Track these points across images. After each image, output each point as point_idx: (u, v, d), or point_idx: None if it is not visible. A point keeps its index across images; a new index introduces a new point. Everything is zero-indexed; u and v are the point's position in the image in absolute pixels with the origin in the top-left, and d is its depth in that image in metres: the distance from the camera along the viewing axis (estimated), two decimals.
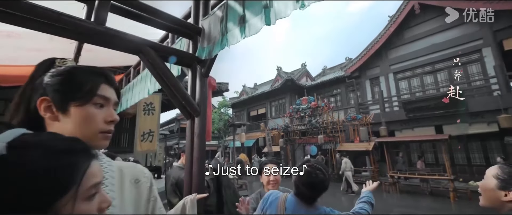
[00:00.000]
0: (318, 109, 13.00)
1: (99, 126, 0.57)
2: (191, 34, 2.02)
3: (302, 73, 19.27)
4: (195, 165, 1.76)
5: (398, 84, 12.39)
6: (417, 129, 10.93)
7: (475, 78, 10.03)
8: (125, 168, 0.67)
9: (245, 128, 20.73)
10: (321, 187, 1.17)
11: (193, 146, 1.80)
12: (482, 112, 9.11)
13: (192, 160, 1.78)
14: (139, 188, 0.66)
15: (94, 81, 0.56)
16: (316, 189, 1.17)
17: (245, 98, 20.92)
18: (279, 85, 17.02)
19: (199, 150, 1.78)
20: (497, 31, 9.42)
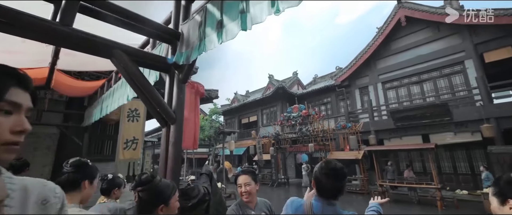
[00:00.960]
0: (309, 117, 13.05)
1: (3, 137, 0.48)
2: (171, 39, 1.96)
3: (293, 82, 19.44)
4: (169, 175, 1.66)
5: (386, 94, 12.65)
6: (405, 138, 11.10)
7: (458, 89, 10.36)
8: (31, 186, 0.57)
9: (236, 136, 20.53)
10: (342, 173, 1.21)
11: (167, 155, 1.71)
12: (466, 122, 9.36)
13: (166, 170, 1.68)
14: (46, 210, 0.56)
15: (1, 83, 0.48)
16: (338, 176, 1.20)
17: (236, 106, 20.82)
18: (271, 93, 17.06)
19: (174, 159, 1.69)
20: (478, 44, 9.84)
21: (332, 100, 15.68)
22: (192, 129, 6.00)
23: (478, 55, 9.77)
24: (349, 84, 14.15)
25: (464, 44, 10.17)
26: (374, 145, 11.12)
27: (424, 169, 11.01)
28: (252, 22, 1.30)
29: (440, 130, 10.06)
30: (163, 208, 1.19)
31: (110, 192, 1.82)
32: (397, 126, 11.05)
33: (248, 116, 20.22)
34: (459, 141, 9.59)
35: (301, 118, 13.19)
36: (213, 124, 20.94)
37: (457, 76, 10.46)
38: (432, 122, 10.04)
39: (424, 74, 11.42)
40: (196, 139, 5.96)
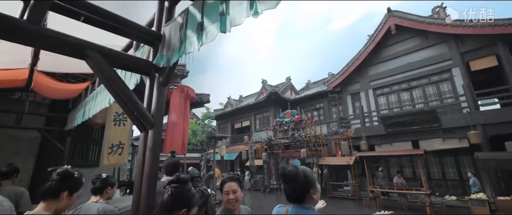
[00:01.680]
0: (301, 123, 13.07)
1: None
2: (152, 41, 1.90)
3: (286, 87, 19.53)
4: (145, 183, 1.57)
5: (377, 100, 12.82)
6: (396, 144, 11.22)
7: (446, 96, 10.60)
8: None
9: (229, 141, 20.35)
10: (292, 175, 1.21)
11: (144, 160, 1.63)
12: (454, 128, 9.55)
13: (142, 177, 1.60)
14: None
15: None
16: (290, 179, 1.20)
17: (229, 110, 20.71)
18: (264, 98, 17.07)
19: (151, 166, 1.61)
20: (464, 53, 10.14)
21: (324, 106, 15.79)
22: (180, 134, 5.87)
23: (465, 64, 10.06)
24: (341, 90, 14.30)
25: (451, 53, 10.47)
26: (365, 151, 11.20)
27: (414, 174, 11.12)
28: (231, 24, 1.27)
29: (429, 136, 10.22)
30: (184, 212, 1.26)
31: (103, 190, 1.88)
32: (387, 132, 11.18)
33: (241, 120, 20.12)
34: (447, 147, 9.75)
35: (294, 123, 13.20)
36: (206, 129, 20.71)
37: (445, 83, 10.72)
38: (421, 128, 10.21)
39: (413, 81, 11.66)
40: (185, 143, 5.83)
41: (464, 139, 9.15)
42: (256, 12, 1.15)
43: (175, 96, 5.97)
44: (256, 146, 14.73)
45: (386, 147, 11.49)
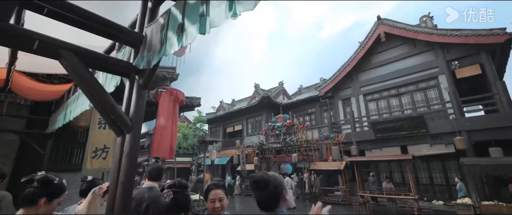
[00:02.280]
0: (293, 127, 13.09)
1: None
2: (134, 42, 1.84)
3: (279, 91, 19.60)
4: (120, 189, 1.50)
5: (367, 106, 13.02)
6: (385, 149, 11.37)
7: (433, 102, 10.87)
8: None
9: (221, 145, 20.15)
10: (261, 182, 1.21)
11: (120, 167, 1.55)
12: (441, 134, 9.78)
13: (117, 183, 1.52)
14: None
15: None
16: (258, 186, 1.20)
17: (221, 114, 20.57)
18: (256, 102, 17.05)
19: (126, 172, 1.53)
20: (450, 61, 10.47)
21: (316, 111, 15.90)
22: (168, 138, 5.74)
23: (450, 71, 10.37)
24: (333, 95, 14.47)
25: (438, 61, 10.78)
26: (355, 156, 11.29)
27: (403, 179, 11.27)
28: (210, 26, 1.25)
29: (417, 141, 10.42)
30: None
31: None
32: (377, 137, 11.33)
33: (233, 124, 20.00)
34: (434, 152, 9.95)
35: (286, 127, 13.21)
36: (197, 132, 20.47)
37: (432, 90, 11.00)
38: (410, 133, 10.40)
39: (402, 87, 11.92)
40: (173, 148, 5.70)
41: (451, 145, 9.36)
42: (235, 13, 1.13)
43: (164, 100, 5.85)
44: (248, 150, 14.63)
45: (376, 152, 11.62)
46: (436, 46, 10.79)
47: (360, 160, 10.49)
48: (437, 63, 10.80)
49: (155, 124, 5.58)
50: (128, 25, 2.11)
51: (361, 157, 11.38)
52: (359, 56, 13.19)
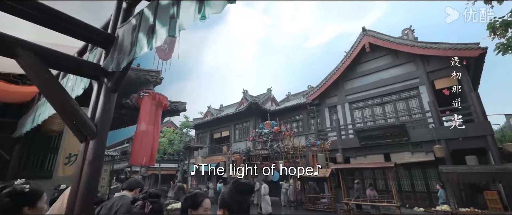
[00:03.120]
0: (280, 134, 13.09)
1: None
2: (105, 43, 1.75)
3: (267, 98, 19.67)
4: (79, 202, 1.38)
5: (353, 114, 13.30)
6: (369, 156, 11.58)
7: (414, 111, 11.28)
8: None
9: (207, 151, 19.80)
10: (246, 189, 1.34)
11: (81, 176, 1.43)
12: (421, 142, 10.10)
13: (77, 193, 1.40)
14: None
15: None
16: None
17: (209, 120, 20.30)
18: (244, 108, 16.99)
19: (88, 182, 1.41)
20: (430, 72, 10.96)
21: (303, 118, 16.04)
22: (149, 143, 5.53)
23: (430, 82, 10.84)
24: (320, 103, 14.68)
25: (418, 72, 11.26)
26: (341, 163, 11.41)
27: (386, 187, 11.47)
28: (179, 28, 1.20)
29: (399, 149, 10.70)
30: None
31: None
32: (362, 145, 11.53)
33: (220, 130, 19.75)
34: (415, 160, 10.24)
35: (273, 134, 13.19)
36: (183, 138, 20.04)
37: (413, 100, 11.43)
38: (392, 141, 10.67)
39: (385, 96, 12.30)
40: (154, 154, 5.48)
41: (430, 153, 9.68)
42: (203, 16, 1.10)
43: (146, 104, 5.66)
44: (235, 156, 14.43)
45: (361, 159, 11.81)
46: (417, 58, 11.28)
47: (345, 167, 10.61)
48: (418, 74, 11.27)
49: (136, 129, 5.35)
50: (101, 26, 2.02)
51: (346, 164, 11.52)
52: (345, 65, 13.54)
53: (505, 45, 6.94)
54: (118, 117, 7.13)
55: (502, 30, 6.99)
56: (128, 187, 2.36)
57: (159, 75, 6.25)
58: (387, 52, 12.53)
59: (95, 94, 1.66)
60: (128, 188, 2.35)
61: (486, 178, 6.74)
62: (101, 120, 1.55)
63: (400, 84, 11.79)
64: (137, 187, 2.41)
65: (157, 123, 5.54)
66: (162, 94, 5.66)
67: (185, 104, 8.57)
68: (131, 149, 5.22)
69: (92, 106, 1.62)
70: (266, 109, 17.14)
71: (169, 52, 5.63)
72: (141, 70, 6.11)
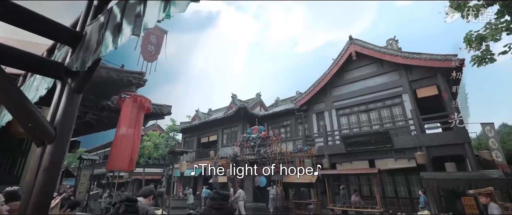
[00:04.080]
0: (268, 139, 13.04)
1: None
2: (72, 41, 1.65)
3: (256, 103, 19.65)
4: (30, 212, 1.25)
5: (339, 120, 13.51)
6: (355, 162, 11.75)
7: (398, 119, 11.61)
8: None
9: (194, 156, 19.41)
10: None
11: (34, 184, 1.31)
12: (404, 149, 10.38)
13: (27, 205, 1.27)
14: None
15: None
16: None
17: (196, 124, 19.97)
18: (232, 112, 16.86)
19: (41, 191, 1.29)
20: (412, 81, 11.37)
21: (291, 123, 16.11)
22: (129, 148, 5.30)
23: (413, 91, 11.23)
24: (307, 109, 14.82)
25: (402, 80, 11.65)
26: (327, 169, 11.49)
27: (371, 193, 11.64)
28: (144, 27, 1.14)
29: (383, 155, 10.93)
30: None
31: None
32: (347, 151, 11.69)
33: (208, 135, 19.47)
34: (398, 166, 10.48)
35: (260, 139, 13.11)
36: (170, 142, 19.56)
37: (397, 107, 11.77)
38: (377, 148, 10.89)
39: (371, 104, 12.60)
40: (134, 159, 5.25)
41: (412, 159, 9.94)
42: (168, 14, 1.05)
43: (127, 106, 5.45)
44: (222, 161, 14.20)
45: (347, 165, 11.95)
46: (400, 67, 11.69)
47: (331, 173, 10.69)
48: (401, 83, 11.65)
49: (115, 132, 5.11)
50: (71, 23, 1.91)
51: (332, 170, 11.62)
52: (333, 72, 13.80)
53: (479, 57, 7.32)
54: (99, 119, 6.85)
55: (477, 43, 7.37)
56: (143, 194, 2.74)
57: (142, 77, 6.07)
58: (373, 61, 12.91)
59: (57, 95, 1.54)
60: (143, 195, 2.72)
61: (463, 184, 6.98)
62: (62, 123, 1.44)
63: (384, 92, 12.13)
64: (150, 194, 2.79)
65: (138, 126, 5.35)
66: (144, 97, 5.48)
67: (170, 108, 8.37)
68: (109, 153, 5.01)
69: (53, 107, 1.50)
70: (254, 114, 17.10)
71: (155, 53, 5.49)
72: (124, 71, 5.91)
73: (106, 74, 5.54)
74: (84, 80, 1.53)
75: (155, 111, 7.43)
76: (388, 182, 11.46)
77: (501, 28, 7.11)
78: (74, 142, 9.16)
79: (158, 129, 23.77)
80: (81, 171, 12.06)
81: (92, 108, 6.30)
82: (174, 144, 18.26)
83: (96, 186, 22.12)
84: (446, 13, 8.33)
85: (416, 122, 10.45)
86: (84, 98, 6.10)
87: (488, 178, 6.77)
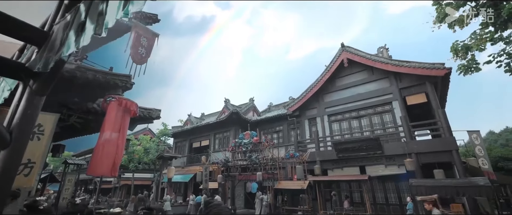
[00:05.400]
0: (260, 145, 12.94)
1: None
2: (38, 41, 1.57)
3: (249, 108, 19.59)
4: None
5: (331, 126, 13.56)
6: (346, 169, 11.75)
7: (388, 125, 11.72)
8: None
9: (185, 161, 19.09)
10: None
11: None
12: (394, 156, 10.44)
13: None
14: None
15: None
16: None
17: (188, 128, 19.72)
18: (225, 117, 16.74)
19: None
20: (402, 89, 11.55)
21: (284, 129, 16.08)
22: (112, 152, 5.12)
23: (402, 98, 11.40)
24: (300, 114, 14.84)
25: (392, 88, 11.82)
26: (318, 175, 11.44)
27: (362, 199, 11.63)
28: (105, 26, 1.08)
29: (374, 162, 10.97)
30: None
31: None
32: (339, 157, 11.69)
33: (200, 139, 19.22)
34: (389, 173, 10.53)
35: (252, 144, 13.00)
36: (161, 146, 19.20)
37: (387, 114, 11.90)
38: (367, 154, 10.93)
39: (362, 110, 12.71)
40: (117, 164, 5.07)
41: (402, 166, 10.00)
42: (126, 13, 1.00)
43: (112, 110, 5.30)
44: (213, 167, 14.00)
45: (338, 172, 11.94)
46: (391, 74, 11.88)
47: (322, 180, 10.64)
48: (391, 90, 11.82)
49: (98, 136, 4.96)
50: (41, 23, 1.83)
51: (323, 176, 11.58)
52: (325, 78, 13.92)
53: (465, 66, 7.51)
54: (84, 122, 6.66)
55: (463, 53, 7.57)
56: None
57: (129, 80, 5.94)
58: (364, 68, 13.09)
59: (17, 97, 1.46)
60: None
61: (451, 191, 7.03)
62: (19, 127, 1.35)
63: (375, 99, 12.27)
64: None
65: (123, 131, 5.18)
66: (130, 100, 5.33)
67: (159, 112, 8.22)
68: (91, 157, 4.83)
69: (12, 110, 1.41)
70: (247, 119, 17.01)
71: (145, 56, 5.39)
72: (111, 74, 5.78)
73: (92, 76, 5.41)
74: (48, 82, 1.45)
75: (143, 115, 7.27)
76: (378, 189, 11.47)
77: (485, 39, 7.32)
78: (58, 145, 8.87)
79: (149, 133, 23.37)
80: (66, 176, 11.67)
81: (76, 111, 6.12)
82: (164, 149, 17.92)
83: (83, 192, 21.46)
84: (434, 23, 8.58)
85: (405, 128, 10.57)
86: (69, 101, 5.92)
87: (475, 185, 6.84)
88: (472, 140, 8.71)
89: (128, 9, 0.99)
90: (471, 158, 9.23)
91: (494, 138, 26.17)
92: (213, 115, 21.41)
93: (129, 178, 18.29)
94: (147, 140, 18.75)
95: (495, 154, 16.87)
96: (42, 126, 4.60)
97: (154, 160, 18.23)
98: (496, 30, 7.04)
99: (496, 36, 7.16)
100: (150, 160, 18.64)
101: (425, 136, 11.48)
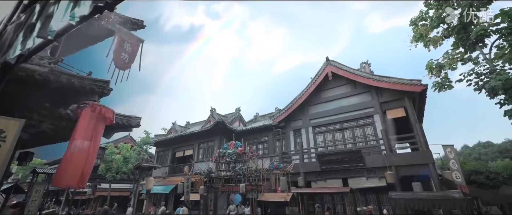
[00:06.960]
0: (244, 155, 12.76)
1: None
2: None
3: (235, 117, 19.46)
4: None
5: (315, 138, 13.70)
6: (329, 181, 11.80)
7: (370, 138, 12.02)
8: None
9: (167, 171, 18.40)
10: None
11: None
12: (375, 168, 10.65)
13: None
14: None
15: None
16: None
17: (172, 137, 19.16)
18: (210, 127, 16.47)
19: None
20: (383, 103, 11.98)
21: (269, 140, 16.04)
22: (81, 162, 4.82)
23: (383, 112, 11.79)
24: (285, 125, 14.91)
25: (373, 102, 12.24)
26: (302, 187, 11.38)
27: (345, 211, 11.63)
28: (50, 29, 1.00)
29: (356, 174, 11.11)
30: None
31: None
32: (322, 169, 11.75)
33: (183, 149, 18.69)
34: (370, 185, 10.68)
35: (237, 155, 12.79)
36: (142, 155, 18.46)
37: (369, 127, 12.23)
38: (350, 166, 11.08)
39: (345, 123, 12.99)
40: (86, 174, 4.77)
41: (383, 178, 10.19)
42: (73, 16, 0.93)
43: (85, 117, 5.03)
44: (195, 178, 13.55)
45: (321, 184, 11.95)
46: (372, 89, 12.33)
47: (305, 192, 10.58)
48: (373, 104, 12.23)
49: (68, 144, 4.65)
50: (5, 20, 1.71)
51: (306, 188, 11.54)
52: (311, 90, 14.19)
53: (439, 83, 7.95)
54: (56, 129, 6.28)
55: (437, 71, 8.03)
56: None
57: (107, 86, 5.70)
58: (347, 82, 13.51)
59: None
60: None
61: (428, 204, 7.21)
62: None
63: (357, 112, 12.62)
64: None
65: (96, 139, 4.91)
66: (106, 107, 5.10)
67: (140, 119, 7.93)
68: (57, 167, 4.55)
69: None
70: (232, 129, 16.84)
71: (128, 62, 5.22)
72: (87, 78, 5.53)
73: (66, 80, 5.15)
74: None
75: (121, 122, 6.98)
76: (360, 201, 11.55)
77: (456, 58, 7.82)
78: (26, 153, 8.27)
79: (130, 141, 22.46)
80: (34, 186, 10.80)
81: (48, 117, 5.76)
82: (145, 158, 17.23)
83: (53, 203, 19.96)
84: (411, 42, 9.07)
85: (386, 142, 10.88)
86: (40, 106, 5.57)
87: (450, 198, 7.06)
88: (446, 154, 9.09)
89: (74, 13, 0.93)
90: (447, 171, 9.58)
91: (468, 152, 27.55)
92: (199, 124, 21.03)
93: (106, 189, 17.28)
94: (127, 148, 17.98)
95: (468, 167, 17.69)
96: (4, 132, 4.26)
97: (133, 170, 17.44)
98: (466, 51, 7.59)
99: (466, 57, 7.72)
100: (130, 170, 17.82)
101: (405, 149, 11.86)
